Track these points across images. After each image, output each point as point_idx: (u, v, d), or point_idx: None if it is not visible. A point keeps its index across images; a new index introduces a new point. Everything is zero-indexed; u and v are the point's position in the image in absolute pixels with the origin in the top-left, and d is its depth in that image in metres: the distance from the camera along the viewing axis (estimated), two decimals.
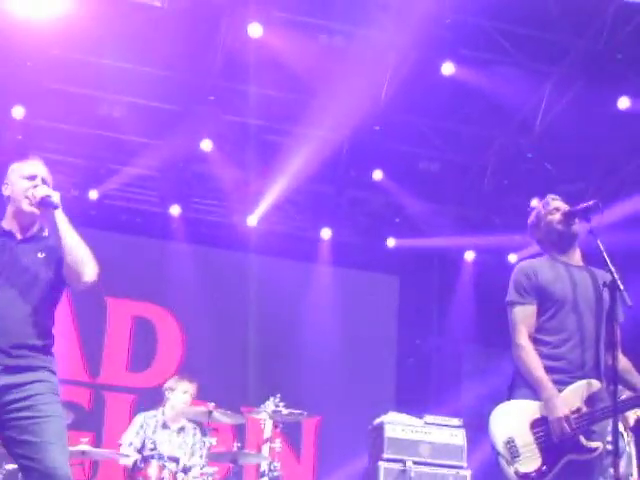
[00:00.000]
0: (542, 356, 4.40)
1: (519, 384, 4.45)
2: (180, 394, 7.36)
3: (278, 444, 7.14)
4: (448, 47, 7.71)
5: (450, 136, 8.79)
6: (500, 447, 4.34)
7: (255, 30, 7.52)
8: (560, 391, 4.29)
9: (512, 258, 9.86)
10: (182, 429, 7.37)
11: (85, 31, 7.55)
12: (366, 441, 7.53)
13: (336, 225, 9.78)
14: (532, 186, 8.93)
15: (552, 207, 4.61)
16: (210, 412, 7.02)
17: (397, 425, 7.38)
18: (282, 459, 7.28)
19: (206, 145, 8.75)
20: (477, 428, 8.09)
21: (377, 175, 9.08)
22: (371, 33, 7.65)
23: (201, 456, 7.06)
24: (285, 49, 7.74)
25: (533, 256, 4.76)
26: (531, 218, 4.72)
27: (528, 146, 8.77)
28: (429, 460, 7.34)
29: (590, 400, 4.32)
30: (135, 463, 6.84)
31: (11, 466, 6.89)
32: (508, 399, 4.48)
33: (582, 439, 4.25)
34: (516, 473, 4.27)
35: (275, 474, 7.07)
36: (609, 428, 4.21)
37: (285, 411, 7.12)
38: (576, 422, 4.24)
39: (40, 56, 7.80)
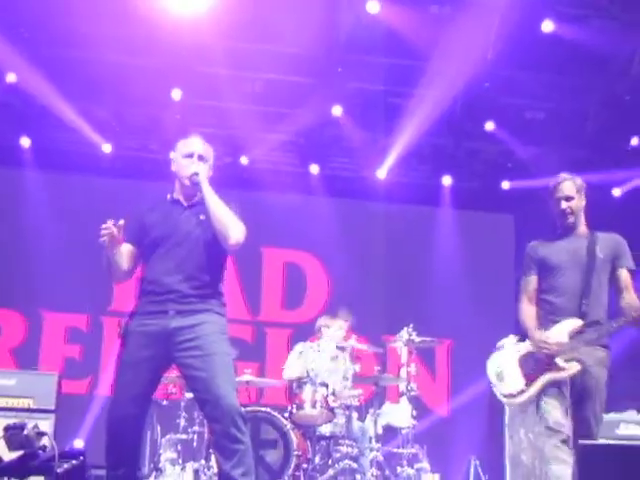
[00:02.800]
0: (545, 311, 4.87)
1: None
2: (336, 330, 7.46)
3: (413, 368, 7.21)
4: (548, 5, 7.50)
5: (553, 87, 8.52)
6: (492, 377, 4.92)
7: (373, 7, 7.47)
8: None
9: (616, 192, 9.59)
10: (335, 357, 7.47)
11: (227, 20, 7.64)
12: None
13: (455, 173, 9.70)
14: (630, 126, 8.64)
15: (556, 196, 4.94)
16: (355, 343, 7.13)
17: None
18: (418, 381, 7.35)
19: (337, 111, 8.78)
20: None
21: (489, 126, 8.93)
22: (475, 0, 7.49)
23: (347, 379, 7.19)
24: (400, 21, 7.67)
25: None
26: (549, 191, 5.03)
27: (625, 91, 8.42)
28: None
29: (572, 334, 4.70)
30: (292, 388, 7.02)
31: (191, 395, 7.17)
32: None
33: (558, 360, 4.64)
34: (502, 394, 4.80)
35: (412, 394, 7.15)
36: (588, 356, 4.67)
37: (417, 339, 7.17)
38: (556, 347, 4.65)
39: (193, 44, 7.93)
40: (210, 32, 7.77)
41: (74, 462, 3.18)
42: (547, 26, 7.56)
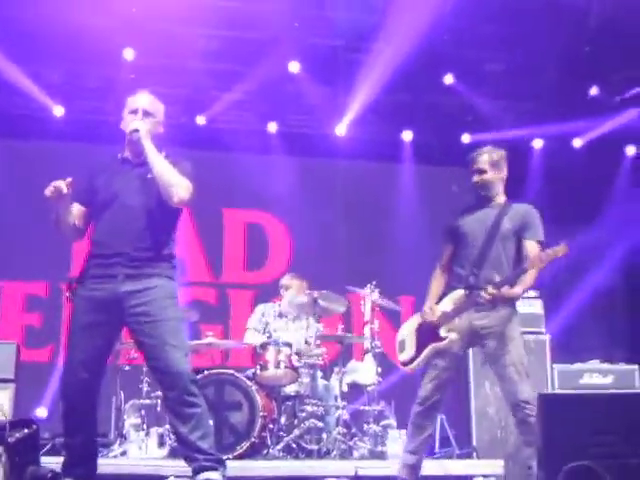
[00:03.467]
0: (451, 280, 4.98)
1: None
2: (293, 291, 7.43)
3: (377, 325, 7.20)
4: None
5: (512, 39, 8.44)
6: (397, 346, 5.11)
7: None
8: None
9: (577, 142, 9.61)
10: (297, 317, 7.46)
11: None
12: None
13: (415, 127, 9.63)
14: (589, 77, 8.63)
15: (471, 168, 5.03)
16: (316, 300, 7.09)
17: None
18: (383, 337, 7.35)
19: (294, 67, 8.65)
20: (552, 297, 8.07)
21: (448, 79, 8.86)
22: None
23: (311, 338, 7.18)
24: None
25: None
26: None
27: (585, 40, 8.36)
28: None
29: (458, 303, 4.83)
30: (255, 350, 6.99)
31: None
32: None
33: (441, 330, 4.81)
34: (401, 362, 5.07)
35: (377, 350, 7.16)
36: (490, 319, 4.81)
37: (378, 296, 7.18)
38: (439, 317, 4.82)
39: (146, 1, 7.74)
40: None
41: (26, 431, 3.10)
42: None
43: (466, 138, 9.66)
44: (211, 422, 4.55)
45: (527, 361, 4.81)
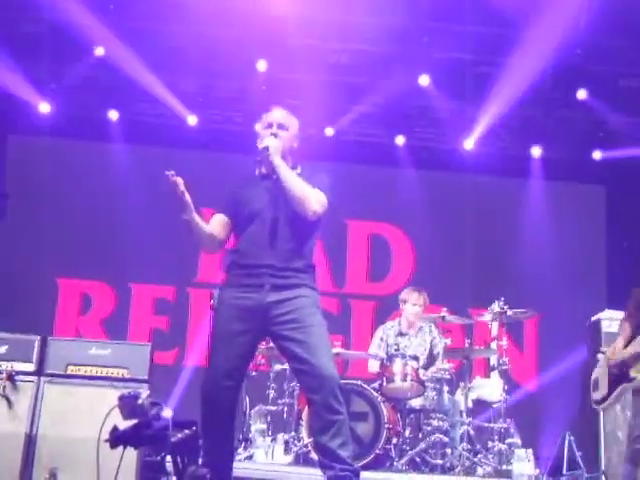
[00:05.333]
0: None
1: None
2: (410, 306, 7.44)
3: (505, 341, 7.15)
4: None
5: None
6: (591, 386, 5.20)
7: None
8: None
9: None
10: (419, 330, 7.47)
11: None
12: (584, 335, 7.33)
13: (545, 143, 9.52)
14: None
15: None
16: (443, 317, 7.10)
17: (613, 321, 7.20)
18: (508, 355, 7.30)
19: (424, 80, 8.69)
20: None
21: (581, 95, 8.74)
22: None
23: (438, 353, 7.18)
24: None
25: None
26: None
27: None
28: None
29: None
30: (382, 362, 7.03)
31: (279, 366, 7.25)
32: None
33: (631, 371, 4.87)
34: (593, 400, 5.19)
35: (504, 367, 7.10)
36: None
37: (510, 312, 7.10)
38: (630, 358, 4.88)
39: (278, 16, 7.93)
40: (295, 3, 7.77)
41: (187, 432, 3.25)
42: None
43: (597, 155, 9.49)
44: None
45: None
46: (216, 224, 4.65)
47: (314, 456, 5.97)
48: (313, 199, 4.46)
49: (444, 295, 7.77)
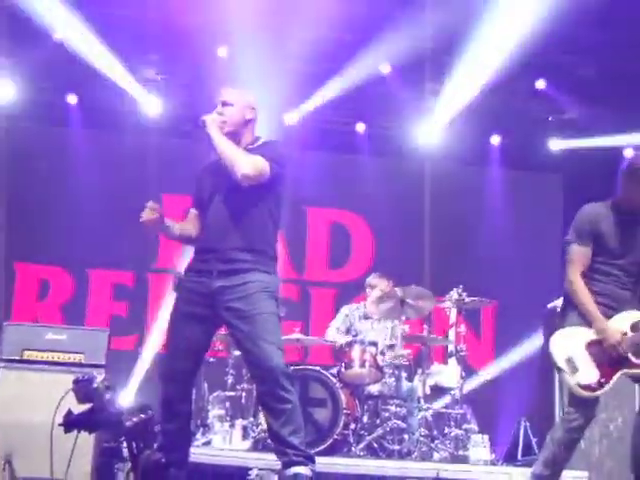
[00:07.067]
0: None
1: (569, 311, 4.75)
2: (378, 291, 7.46)
3: (462, 328, 7.20)
4: None
5: (606, 44, 8.34)
6: (562, 364, 4.55)
7: None
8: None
9: None
10: (382, 317, 7.48)
11: None
12: (541, 323, 7.38)
13: (503, 132, 9.59)
14: None
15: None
16: (403, 301, 7.11)
17: None
18: (465, 341, 7.34)
19: (384, 68, 8.70)
20: None
21: (540, 84, 8.80)
22: None
23: (396, 338, 7.20)
24: None
25: None
26: None
27: None
28: None
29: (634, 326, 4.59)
30: (341, 346, 7.05)
31: (238, 352, 7.21)
32: (561, 324, 4.76)
33: (631, 356, 4.54)
34: (578, 384, 4.49)
35: (462, 354, 7.15)
36: None
37: (467, 299, 7.14)
38: (626, 344, 4.53)
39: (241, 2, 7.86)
40: None
41: (142, 416, 3.22)
42: None
43: (554, 144, 9.57)
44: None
45: None
46: (189, 220, 4.63)
47: None
48: (243, 161, 4.32)
49: (403, 283, 7.72)
